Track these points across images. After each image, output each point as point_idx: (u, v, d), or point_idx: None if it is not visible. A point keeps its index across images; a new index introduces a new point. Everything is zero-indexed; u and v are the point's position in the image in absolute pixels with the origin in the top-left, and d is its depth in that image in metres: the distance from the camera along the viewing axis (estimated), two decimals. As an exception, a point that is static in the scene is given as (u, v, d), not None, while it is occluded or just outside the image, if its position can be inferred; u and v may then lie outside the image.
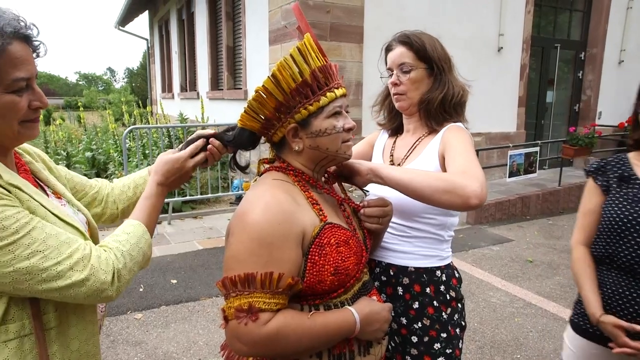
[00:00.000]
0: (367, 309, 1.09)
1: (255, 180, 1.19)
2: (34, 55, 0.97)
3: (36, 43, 0.97)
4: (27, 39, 0.94)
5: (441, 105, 1.49)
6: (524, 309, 3.60)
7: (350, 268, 1.07)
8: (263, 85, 1.05)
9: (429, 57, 1.48)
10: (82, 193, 1.31)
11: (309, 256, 1.03)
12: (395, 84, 1.52)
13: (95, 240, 1.16)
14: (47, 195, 1.08)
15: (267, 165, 1.21)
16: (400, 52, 1.51)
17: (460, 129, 1.48)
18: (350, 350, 1.10)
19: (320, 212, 1.09)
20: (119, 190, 1.37)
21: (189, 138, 1.28)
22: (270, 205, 1.01)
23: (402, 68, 1.50)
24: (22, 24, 0.94)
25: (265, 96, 1.06)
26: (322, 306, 1.07)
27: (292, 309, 1.04)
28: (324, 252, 1.03)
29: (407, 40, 1.50)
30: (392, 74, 1.54)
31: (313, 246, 1.03)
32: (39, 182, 1.10)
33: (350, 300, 1.11)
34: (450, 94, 1.49)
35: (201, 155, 1.23)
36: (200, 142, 1.22)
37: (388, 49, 1.56)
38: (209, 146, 1.23)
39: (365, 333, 1.09)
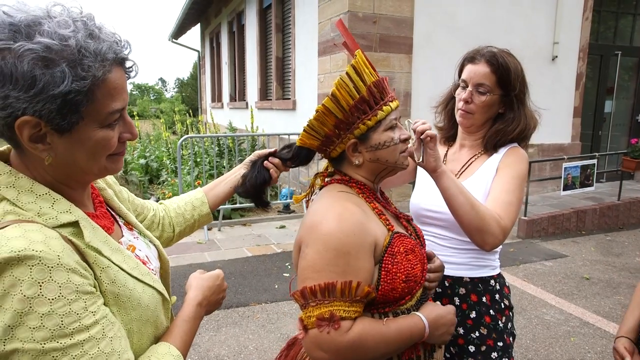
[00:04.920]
0: (433, 314, 1.12)
1: (315, 193, 1.24)
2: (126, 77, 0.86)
3: (129, 64, 0.85)
4: (123, 62, 0.83)
5: (512, 138, 1.50)
6: (580, 328, 3.45)
7: (418, 275, 1.10)
8: (323, 104, 1.09)
9: (510, 85, 1.45)
10: (142, 216, 1.23)
11: (383, 265, 1.06)
12: (466, 101, 1.49)
13: (166, 274, 1.10)
14: (120, 227, 1.01)
15: (327, 179, 1.24)
16: (482, 72, 1.45)
17: (522, 158, 1.48)
18: (417, 355, 1.13)
19: (387, 222, 1.12)
20: (174, 213, 1.31)
21: (248, 158, 1.33)
22: (343, 216, 1.04)
23: (479, 88, 1.46)
24: (120, 44, 0.83)
25: (325, 114, 1.10)
26: (391, 313, 1.09)
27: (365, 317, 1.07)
28: (396, 260, 1.06)
29: (494, 62, 1.44)
30: (466, 89, 1.50)
31: (386, 255, 1.06)
32: (112, 213, 1.02)
33: (415, 306, 1.14)
34: (524, 128, 1.49)
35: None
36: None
37: (470, 60, 1.51)
38: (272, 169, 1.26)
39: (433, 337, 1.12)
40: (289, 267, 4.56)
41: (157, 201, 1.37)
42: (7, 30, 0.72)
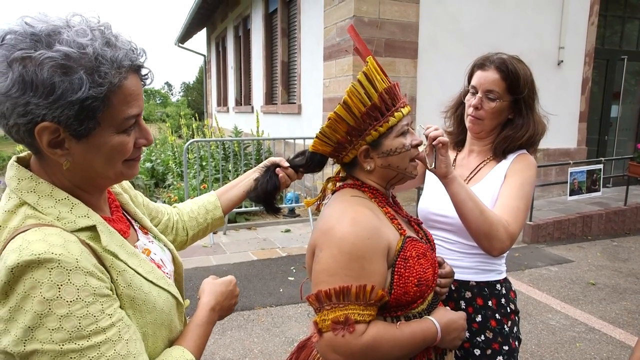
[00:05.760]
0: (445, 318, 1.13)
1: (328, 197, 1.24)
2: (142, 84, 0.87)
3: (145, 72, 0.87)
4: (138, 70, 0.85)
5: (521, 144, 1.51)
6: (586, 334, 3.44)
7: (429, 279, 1.11)
8: (335, 112, 1.09)
9: (519, 92, 1.46)
10: (157, 220, 1.24)
11: (396, 269, 1.06)
12: (476, 108, 1.50)
13: (180, 277, 1.12)
14: (136, 231, 1.03)
15: (339, 183, 1.25)
16: (492, 78, 1.46)
17: (530, 165, 1.49)
18: (429, 358, 1.14)
19: (399, 227, 1.13)
20: (187, 217, 1.32)
21: (262, 164, 1.33)
22: (357, 220, 1.04)
23: (489, 95, 1.47)
24: (136, 52, 0.85)
25: (337, 121, 1.10)
26: (403, 317, 1.10)
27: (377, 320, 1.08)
28: (408, 264, 1.07)
29: (504, 69, 1.45)
30: (476, 95, 1.51)
31: (399, 259, 1.07)
32: (127, 218, 1.04)
33: (426, 310, 1.14)
34: (533, 134, 1.50)
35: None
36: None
37: (480, 66, 1.52)
38: (281, 175, 1.27)
39: (444, 341, 1.13)
40: (294, 270, 4.57)
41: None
42: (28, 39, 0.74)
